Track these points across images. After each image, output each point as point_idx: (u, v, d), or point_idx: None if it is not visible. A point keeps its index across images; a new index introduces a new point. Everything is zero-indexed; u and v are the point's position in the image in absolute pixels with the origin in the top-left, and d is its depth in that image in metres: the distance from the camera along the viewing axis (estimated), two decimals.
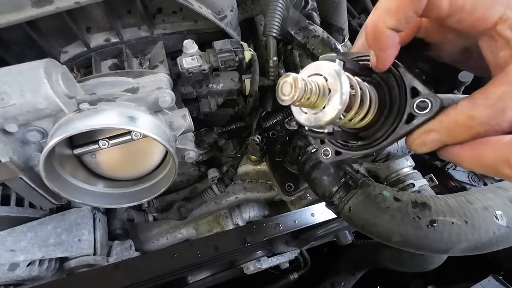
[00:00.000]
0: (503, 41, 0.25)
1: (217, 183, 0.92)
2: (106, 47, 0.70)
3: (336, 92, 0.27)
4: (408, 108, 0.29)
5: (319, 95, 0.28)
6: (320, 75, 0.29)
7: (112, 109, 0.52)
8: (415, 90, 0.29)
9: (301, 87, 0.27)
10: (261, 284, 1.40)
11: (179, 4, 0.66)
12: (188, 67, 0.65)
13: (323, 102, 0.28)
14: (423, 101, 0.28)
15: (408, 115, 0.29)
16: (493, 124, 0.24)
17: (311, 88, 0.27)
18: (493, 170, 0.25)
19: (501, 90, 0.24)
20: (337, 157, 0.37)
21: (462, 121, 0.25)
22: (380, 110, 0.33)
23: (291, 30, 0.75)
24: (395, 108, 0.31)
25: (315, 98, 0.28)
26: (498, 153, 0.24)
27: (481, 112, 0.24)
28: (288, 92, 0.27)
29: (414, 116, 0.29)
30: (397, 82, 0.31)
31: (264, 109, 0.82)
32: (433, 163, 1.38)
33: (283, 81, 0.28)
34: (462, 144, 0.26)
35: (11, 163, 0.49)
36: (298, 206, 0.95)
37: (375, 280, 1.43)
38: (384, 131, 0.32)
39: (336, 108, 0.28)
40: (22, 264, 0.68)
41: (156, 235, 1.07)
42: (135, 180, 0.69)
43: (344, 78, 0.28)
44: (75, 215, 0.77)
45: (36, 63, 0.47)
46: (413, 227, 0.49)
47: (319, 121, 0.29)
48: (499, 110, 0.24)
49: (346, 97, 0.27)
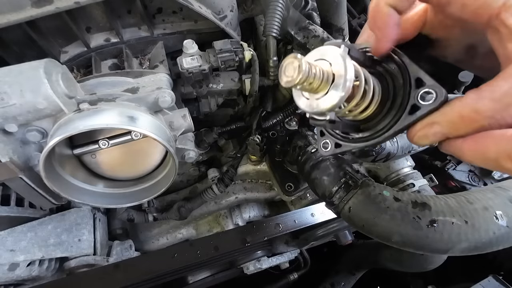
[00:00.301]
0: (508, 32, 0.24)
1: (217, 183, 0.92)
2: (106, 47, 0.70)
3: (340, 78, 0.27)
4: (412, 99, 0.29)
5: (322, 80, 0.27)
6: (325, 61, 0.28)
7: (112, 109, 0.52)
8: (420, 81, 0.29)
9: (304, 69, 0.26)
10: (261, 284, 1.40)
11: (179, 4, 0.66)
12: (188, 67, 0.65)
13: (326, 88, 0.28)
14: (427, 91, 0.28)
15: (412, 106, 0.29)
16: (498, 118, 0.24)
17: (314, 72, 0.27)
18: (495, 164, 0.25)
19: (509, 84, 0.23)
20: (337, 149, 0.36)
21: (467, 114, 0.25)
22: (383, 102, 0.32)
23: (291, 30, 0.75)
24: (399, 100, 0.31)
25: (318, 83, 0.27)
26: (501, 147, 0.24)
27: (486, 105, 0.24)
28: (290, 73, 0.26)
29: (417, 107, 0.28)
30: (401, 73, 0.31)
31: (264, 109, 0.82)
32: (433, 163, 1.38)
33: (287, 62, 0.27)
34: (464, 138, 0.26)
35: (11, 163, 0.49)
36: (298, 206, 0.95)
37: (375, 280, 1.43)
38: (386, 122, 0.31)
39: (338, 94, 0.27)
40: (22, 264, 0.68)
41: (156, 235, 1.07)
42: (135, 180, 0.69)
43: (349, 64, 0.27)
44: (75, 215, 0.77)
45: (36, 63, 0.47)
46: (413, 227, 0.49)
47: (320, 107, 0.29)
48: (505, 104, 0.23)
49: (349, 84, 0.27)
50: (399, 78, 0.31)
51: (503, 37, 0.25)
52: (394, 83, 0.32)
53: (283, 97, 0.86)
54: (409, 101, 0.29)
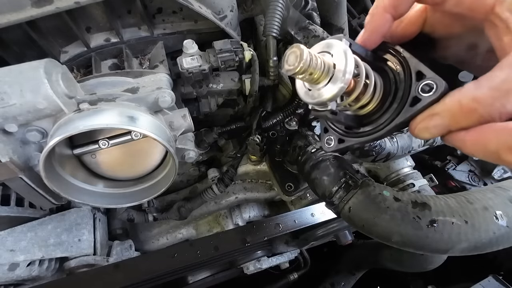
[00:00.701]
0: (503, 25, 0.25)
1: (217, 183, 0.92)
2: (106, 47, 0.70)
3: (340, 70, 0.28)
4: (413, 92, 0.29)
5: (323, 71, 0.28)
6: (328, 53, 0.30)
7: (112, 109, 0.52)
8: (420, 74, 0.29)
9: (305, 59, 0.27)
10: (261, 284, 1.40)
11: (179, 4, 0.66)
12: (188, 67, 0.65)
13: (327, 78, 0.29)
14: (428, 84, 0.28)
15: (413, 98, 0.29)
16: (498, 106, 0.24)
17: (316, 63, 0.28)
18: (496, 156, 0.25)
19: (506, 72, 0.24)
20: (340, 145, 0.37)
21: (466, 103, 0.25)
22: (385, 96, 0.33)
23: (291, 30, 0.75)
24: (400, 93, 0.31)
25: (319, 73, 0.28)
26: (502, 139, 0.24)
27: (485, 93, 0.24)
28: (292, 62, 0.28)
29: (418, 100, 0.29)
30: (402, 68, 0.31)
31: (264, 109, 0.82)
32: (433, 163, 1.38)
33: (290, 51, 0.28)
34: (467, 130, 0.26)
35: (11, 163, 0.49)
36: (298, 206, 0.95)
37: (375, 280, 1.43)
38: (388, 116, 0.32)
39: (338, 85, 0.28)
40: (22, 264, 0.68)
41: (156, 235, 1.07)
42: (135, 180, 0.69)
43: (350, 56, 0.28)
44: (75, 215, 0.77)
45: (36, 63, 0.47)
46: (413, 227, 0.49)
47: (321, 97, 0.30)
48: (503, 91, 0.23)
49: (349, 76, 0.28)
50: (400, 73, 0.32)
51: (499, 31, 0.25)
52: (395, 78, 0.32)
53: (283, 97, 0.86)
54: (410, 94, 0.30)
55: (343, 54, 0.28)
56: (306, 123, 0.86)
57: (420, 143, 0.98)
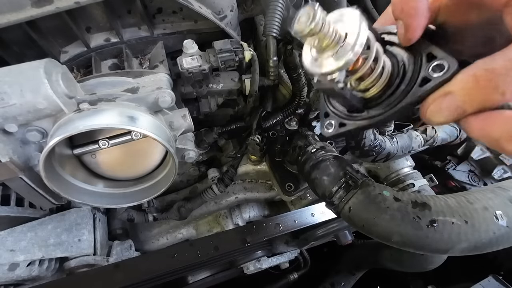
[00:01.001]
0: None
1: (217, 183, 0.92)
2: (106, 47, 0.70)
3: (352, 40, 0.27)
4: (423, 72, 0.28)
5: (334, 39, 0.27)
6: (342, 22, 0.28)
7: (112, 109, 0.52)
8: (431, 56, 0.28)
9: (318, 21, 0.26)
10: (261, 284, 1.40)
11: (179, 4, 0.66)
12: (188, 67, 0.65)
13: (336, 48, 0.28)
14: (439, 64, 0.27)
15: (423, 78, 0.28)
16: None
17: (328, 29, 0.27)
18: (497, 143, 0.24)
19: None
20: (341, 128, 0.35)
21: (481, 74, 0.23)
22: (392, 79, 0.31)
23: (291, 30, 0.75)
24: (408, 75, 0.30)
25: (328, 40, 0.27)
26: (506, 127, 0.23)
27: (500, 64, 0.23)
28: (304, 21, 0.26)
29: (428, 80, 0.27)
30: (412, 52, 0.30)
31: (264, 109, 0.82)
32: (433, 163, 1.38)
33: (303, 11, 0.27)
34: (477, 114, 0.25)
35: (11, 163, 0.49)
36: (298, 206, 0.95)
37: (375, 280, 1.43)
38: (396, 97, 0.30)
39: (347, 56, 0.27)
40: (22, 264, 0.68)
41: (156, 235, 1.07)
42: (135, 180, 0.69)
43: (363, 28, 0.27)
44: (75, 215, 0.77)
45: (36, 63, 0.47)
46: (413, 227, 0.49)
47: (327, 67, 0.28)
48: None
49: (359, 48, 0.26)
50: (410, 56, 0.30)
51: None
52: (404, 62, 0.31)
53: (283, 97, 0.86)
54: (419, 74, 0.28)
55: (358, 25, 0.27)
56: (306, 123, 0.86)
57: (420, 143, 0.98)
